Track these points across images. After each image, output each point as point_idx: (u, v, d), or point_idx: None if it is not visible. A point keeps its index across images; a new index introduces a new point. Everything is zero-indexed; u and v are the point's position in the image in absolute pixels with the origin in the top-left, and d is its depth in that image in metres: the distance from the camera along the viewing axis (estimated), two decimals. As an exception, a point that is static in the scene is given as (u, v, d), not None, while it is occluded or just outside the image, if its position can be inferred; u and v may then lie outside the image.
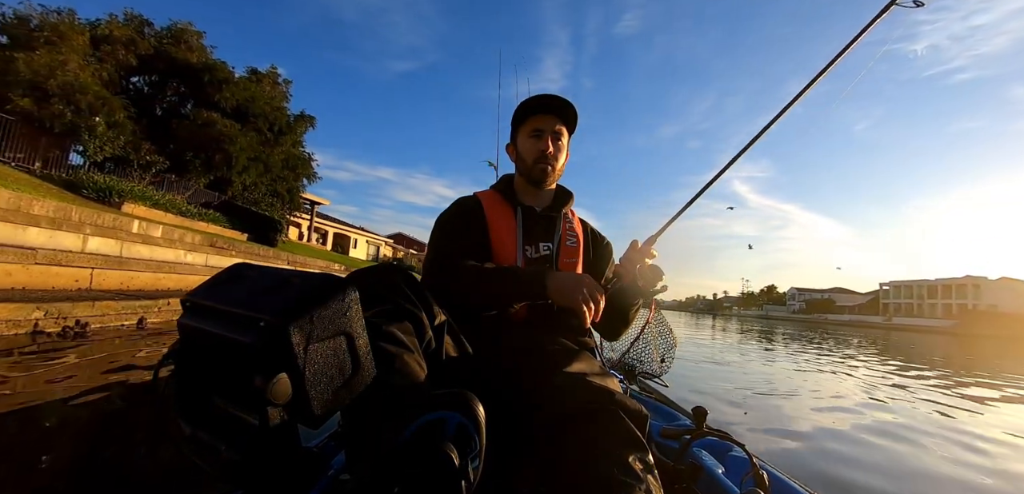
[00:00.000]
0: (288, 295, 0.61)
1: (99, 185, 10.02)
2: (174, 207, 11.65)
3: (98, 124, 12.16)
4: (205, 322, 0.64)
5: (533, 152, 1.23)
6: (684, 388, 4.13)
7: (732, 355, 8.37)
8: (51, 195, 7.12)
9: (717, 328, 19.82)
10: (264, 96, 17.46)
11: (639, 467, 0.74)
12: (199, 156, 15.04)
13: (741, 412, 3.55)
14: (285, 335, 0.55)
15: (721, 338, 13.29)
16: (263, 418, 0.55)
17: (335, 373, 0.61)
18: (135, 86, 16.24)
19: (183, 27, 16.69)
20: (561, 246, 1.23)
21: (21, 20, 12.94)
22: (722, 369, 6.37)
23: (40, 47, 12.25)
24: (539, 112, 1.25)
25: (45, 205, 5.57)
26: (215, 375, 0.64)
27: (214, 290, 0.69)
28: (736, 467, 1.10)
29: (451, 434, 0.57)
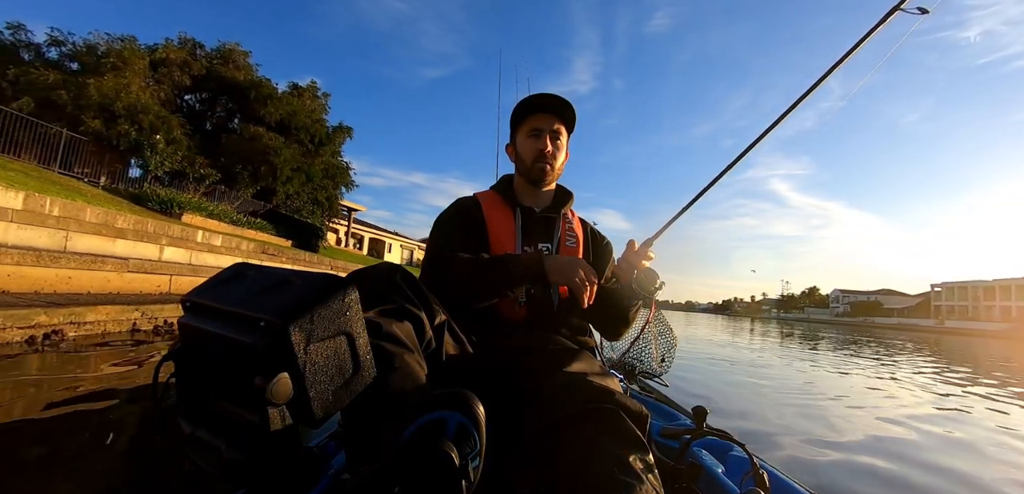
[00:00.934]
0: (288, 295, 0.61)
1: (162, 198, 10.81)
2: (227, 216, 12.40)
3: (158, 141, 13.08)
4: (206, 322, 0.65)
5: (532, 152, 1.23)
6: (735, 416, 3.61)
7: (772, 357, 8.24)
8: (123, 208, 7.79)
9: (754, 333, 19.29)
10: (305, 109, 18.27)
11: (639, 466, 0.74)
12: (247, 168, 15.89)
13: (741, 413, 3.45)
14: (285, 335, 0.56)
15: (759, 342, 13.02)
16: (263, 418, 0.55)
17: (335, 373, 0.61)
18: (188, 104, 17.32)
19: (231, 47, 17.70)
20: (560, 246, 1.23)
21: (90, 48, 14.09)
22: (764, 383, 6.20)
23: (107, 72, 13.28)
24: (537, 111, 1.24)
25: (127, 219, 6.14)
26: (216, 375, 0.65)
27: (215, 290, 0.69)
28: (736, 467, 1.09)
29: (451, 434, 0.57)
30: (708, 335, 14.06)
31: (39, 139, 11.50)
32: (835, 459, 2.57)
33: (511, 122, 1.31)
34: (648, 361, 2.24)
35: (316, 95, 19.87)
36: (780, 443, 2.75)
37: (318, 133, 18.60)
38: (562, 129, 1.26)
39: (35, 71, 12.70)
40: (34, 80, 12.39)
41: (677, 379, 4.73)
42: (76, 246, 4.92)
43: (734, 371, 6.04)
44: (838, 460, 2.55)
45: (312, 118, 18.46)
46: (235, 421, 0.60)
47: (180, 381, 0.68)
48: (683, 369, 5.46)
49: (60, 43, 14.44)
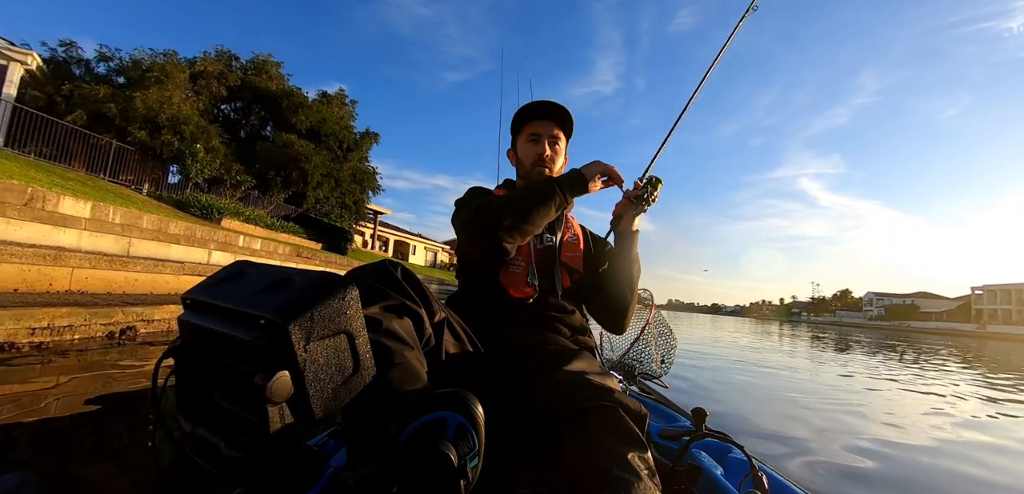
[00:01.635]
0: (289, 293, 0.61)
1: (203, 204, 11.36)
2: (262, 221, 12.93)
3: (198, 150, 13.73)
4: (206, 319, 0.65)
5: (531, 156, 1.27)
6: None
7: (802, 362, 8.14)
8: (171, 214, 8.26)
9: (780, 337, 18.88)
10: (334, 117, 18.84)
11: (639, 465, 0.74)
12: (279, 174, 16.50)
13: (741, 414, 3.42)
14: (285, 333, 0.56)
15: (789, 345, 12.80)
16: (263, 416, 0.55)
17: (335, 371, 0.61)
18: (224, 113, 18.08)
19: (264, 59, 18.41)
20: (563, 242, 1.27)
21: (135, 63, 14.90)
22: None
23: (151, 86, 14.02)
24: (536, 118, 1.29)
25: (178, 225, 6.55)
26: (215, 372, 0.64)
27: (215, 287, 0.69)
28: (735, 469, 1.09)
29: (450, 435, 0.57)
30: (731, 338, 13.87)
31: (88, 149, 12.27)
32: (849, 466, 2.47)
33: (512, 128, 1.37)
34: (648, 362, 2.24)
35: (344, 102, 20.45)
36: (780, 445, 2.70)
37: (346, 139, 19.16)
38: (560, 135, 1.30)
39: (87, 86, 13.51)
40: (86, 95, 13.17)
41: (705, 387, 4.75)
42: (138, 251, 5.31)
43: (743, 372, 6.02)
44: (852, 467, 2.45)
45: (341, 125, 19.03)
46: (235, 419, 0.60)
47: (180, 378, 0.68)
48: (702, 373, 5.44)
49: (108, 58, 15.33)
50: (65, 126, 12.06)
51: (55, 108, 12.92)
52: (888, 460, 2.55)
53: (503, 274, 1.17)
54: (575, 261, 1.27)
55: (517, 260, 1.18)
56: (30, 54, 13.09)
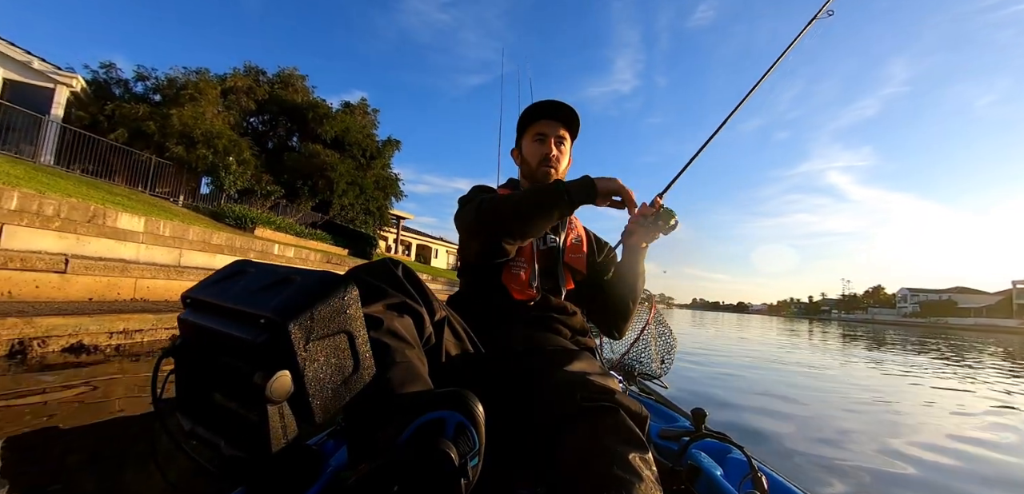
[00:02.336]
0: (289, 292, 0.61)
1: (237, 214, 11.82)
2: (291, 229, 13.37)
3: (231, 163, 14.27)
4: (206, 318, 0.65)
5: (537, 155, 1.26)
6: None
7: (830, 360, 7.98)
8: (211, 226, 8.66)
9: (812, 334, 18.45)
10: (357, 126, 19.29)
11: (640, 465, 0.74)
12: (306, 183, 16.98)
13: (741, 414, 3.38)
14: (285, 332, 0.56)
15: (820, 341, 12.54)
16: (262, 415, 0.55)
17: (335, 371, 0.61)
18: (253, 126, 18.70)
19: (289, 72, 18.99)
20: (567, 242, 1.27)
21: (170, 81, 15.57)
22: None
23: (186, 103, 14.63)
24: (542, 117, 1.28)
25: (220, 236, 6.89)
26: (215, 371, 0.64)
27: (215, 287, 0.69)
28: (735, 469, 1.09)
29: (450, 433, 0.57)
30: (759, 336, 13.65)
31: (128, 164, 12.91)
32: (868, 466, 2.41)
33: (518, 127, 1.36)
34: (648, 363, 2.24)
35: (366, 111, 20.92)
36: (781, 446, 2.68)
37: (369, 147, 19.59)
38: (566, 135, 1.30)
39: (128, 105, 14.19)
40: (127, 113, 13.84)
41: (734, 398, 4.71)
42: (188, 261, 5.64)
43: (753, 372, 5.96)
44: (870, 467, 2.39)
45: (363, 133, 19.47)
46: (235, 418, 0.60)
47: (180, 377, 0.68)
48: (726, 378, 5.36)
49: (144, 78, 16.04)
50: (108, 143, 12.71)
51: (98, 127, 13.61)
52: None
53: (506, 274, 1.16)
54: (578, 262, 1.27)
55: (520, 260, 1.17)
56: (75, 77, 13.83)
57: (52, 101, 13.27)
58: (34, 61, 12.80)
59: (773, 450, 2.57)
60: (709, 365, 5.86)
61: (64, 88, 13.55)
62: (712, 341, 10.65)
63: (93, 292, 3.84)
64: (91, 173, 12.15)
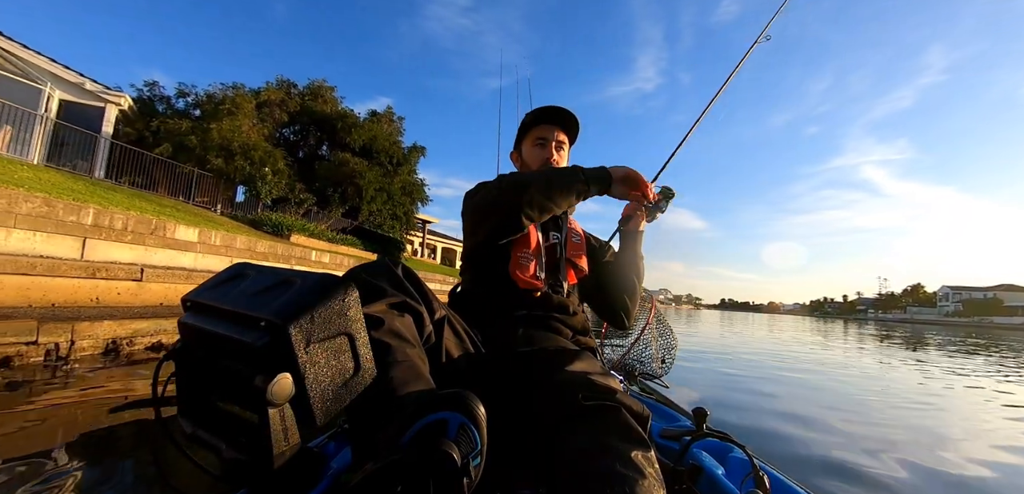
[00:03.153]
0: (289, 295, 0.61)
1: (274, 222, 12.34)
2: (323, 235, 13.86)
3: (267, 173, 14.90)
4: (206, 321, 0.65)
5: (538, 159, 1.30)
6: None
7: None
8: (253, 234, 9.12)
9: (847, 335, 17.92)
10: (383, 134, 19.81)
11: (642, 463, 0.74)
12: (337, 190, 17.57)
13: (741, 414, 3.33)
14: (285, 335, 0.56)
15: (854, 342, 12.23)
16: (263, 418, 0.55)
17: (336, 373, 0.62)
18: (285, 137, 19.44)
19: (319, 84, 19.68)
20: (568, 240, 1.29)
21: (209, 97, 16.38)
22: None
23: (224, 117, 15.35)
24: (543, 122, 1.32)
25: (263, 244, 7.29)
26: (216, 374, 0.64)
27: (215, 289, 0.69)
28: (737, 468, 1.08)
29: (453, 434, 0.57)
30: (792, 336, 13.39)
31: (170, 176, 13.65)
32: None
33: (519, 131, 1.39)
34: (648, 362, 2.24)
35: (392, 119, 21.46)
36: (783, 445, 2.64)
37: (396, 155, 20.09)
38: (565, 140, 1.34)
39: (171, 122, 15.00)
40: (171, 129, 14.63)
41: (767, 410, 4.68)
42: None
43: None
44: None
45: (390, 141, 19.98)
46: (235, 421, 0.61)
47: (180, 380, 0.68)
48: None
49: (185, 94, 16.93)
50: (153, 157, 13.47)
51: (144, 142, 14.43)
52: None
53: (513, 265, 1.17)
54: (579, 259, 1.30)
55: (526, 253, 1.19)
56: (123, 96, 14.67)
57: (103, 119, 14.11)
58: (87, 82, 13.64)
59: (775, 449, 2.51)
60: (738, 371, 5.84)
61: (113, 106, 14.40)
62: (733, 345, 10.53)
63: (163, 298, 4.19)
64: (138, 185, 12.89)
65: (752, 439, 1.50)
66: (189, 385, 0.68)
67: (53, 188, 5.18)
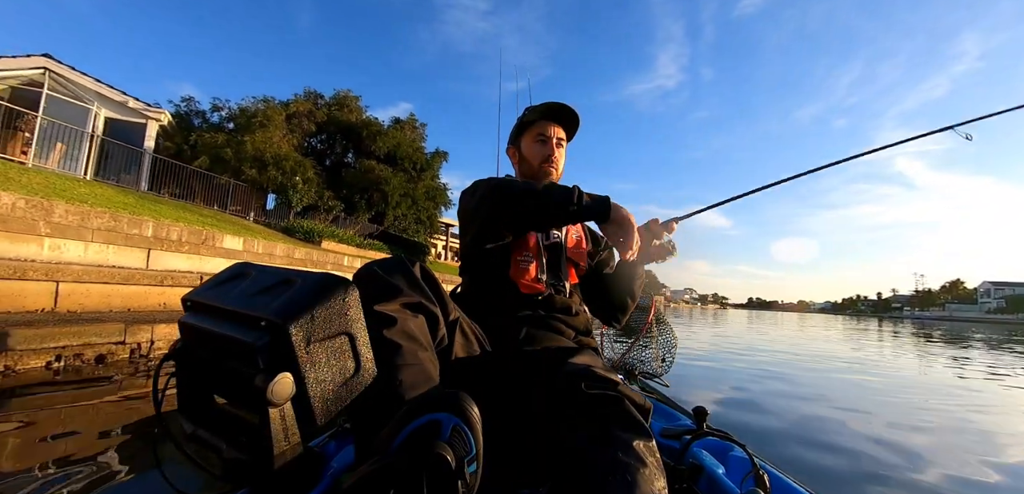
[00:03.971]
0: (289, 294, 0.61)
1: (305, 229, 12.80)
2: (353, 241, 14.28)
3: (298, 182, 15.44)
4: (207, 321, 0.64)
5: (539, 156, 1.28)
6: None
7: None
8: (286, 241, 9.53)
9: (878, 333, 17.38)
10: (407, 141, 20.24)
11: (644, 452, 0.76)
12: (363, 197, 18.05)
13: (741, 412, 3.28)
14: (286, 334, 0.56)
15: (889, 340, 11.92)
16: (263, 417, 0.55)
17: (336, 372, 0.62)
18: (313, 146, 20.07)
19: (344, 95, 20.25)
20: (567, 236, 1.29)
21: (243, 111, 17.07)
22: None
23: (256, 129, 15.98)
24: (546, 119, 1.30)
25: (300, 251, 7.65)
26: (217, 374, 0.65)
27: (216, 289, 0.69)
28: (737, 467, 1.08)
29: (446, 436, 0.57)
30: (823, 334, 13.08)
31: (206, 186, 14.30)
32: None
33: (518, 126, 1.35)
34: (649, 362, 2.25)
35: (415, 126, 21.89)
36: (783, 444, 2.60)
37: (419, 160, 20.50)
38: (564, 138, 1.33)
39: (208, 135, 15.70)
40: (207, 142, 15.32)
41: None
42: (281, 275, 6.36)
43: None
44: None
45: (413, 147, 20.41)
46: (236, 420, 0.61)
47: (181, 380, 0.68)
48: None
49: (219, 108, 17.68)
50: (190, 169, 14.15)
51: (182, 155, 15.14)
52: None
53: (513, 269, 1.16)
54: (580, 257, 1.29)
55: (526, 255, 1.17)
56: (163, 113, 15.43)
57: (144, 134, 14.89)
58: (130, 100, 14.40)
59: (775, 448, 2.46)
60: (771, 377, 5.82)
61: (154, 122, 15.15)
62: (756, 343, 10.40)
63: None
64: (177, 196, 13.55)
65: (752, 438, 1.36)
66: (190, 385, 0.68)
67: (108, 202, 5.61)
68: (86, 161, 12.44)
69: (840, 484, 2.09)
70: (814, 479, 2.01)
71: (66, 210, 4.17)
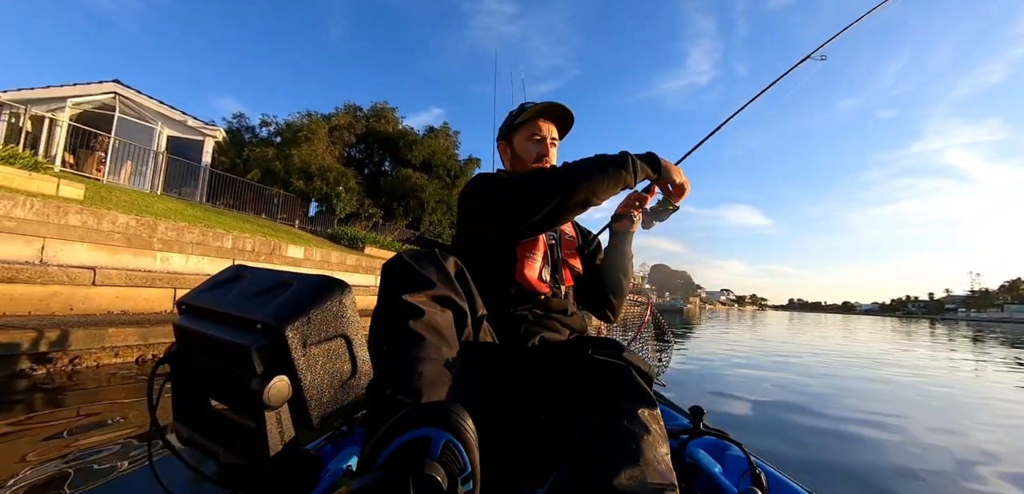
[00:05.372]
0: (285, 297, 0.61)
1: (350, 236, 13.49)
2: (392, 246, 14.90)
3: (341, 191, 16.26)
4: (202, 324, 0.64)
5: (532, 154, 1.27)
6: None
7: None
8: (335, 248, 10.15)
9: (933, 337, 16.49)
10: (441, 149, 20.91)
11: (648, 420, 0.79)
12: (401, 204, 18.78)
13: (739, 411, 3.24)
14: (282, 337, 0.56)
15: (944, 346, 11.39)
16: (260, 421, 0.56)
17: (333, 375, 0.62)
18: (352, 156, 21.00)
19: (381, 106, 21.13)
20: (561, 235, 1.29)
21: (289, 126, 18.12)
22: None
23: (302, 143, 16.92)
24: (540, 118, 1.29)
25: (352, 258, 8.21)
26: (212, 378, 0.64)
27: (211, 292, 0.69)
28: (734, 466, 1.09)
29: (437, 454, 0.53)
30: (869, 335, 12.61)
31: (257, 197, 15.25)
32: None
33: (512, 120, 1.32)
34: (646, 361, 2.36)
35: (448, 134, 22.56)
36: (782, 442, 2.57)
37: (453, 167, 21.13)
38: (557, 139, 1.32)
39: (259, 150, 16.76)
40: (259, 156, 16.37)
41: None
42: (339, 280, 6.91)
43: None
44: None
45: (447, 155, 21.07)
46: (232, 425, 0.61)
47: (176, 384, 0.67)
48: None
49: (268, 124, 18.83)
50: (242, 181, 15.14)
51: (235, 168, 16.21)
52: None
53: (520, 269, 1.14)
54: (574, 258, 1.29)
55: (534, 255, 1.17)
56: (218, 130, 16.54)
57: (202, 151, 16.02)
58: (189, 119, 15.53)
59: (774, 447, 2.42)
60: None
61: (210, 139, 16.29)
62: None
63: None
64: (231, 206, 14.53)
65: (750, 437, 1.42)
66: (185, 389, 0.68)
67: (180, 215, 6.26)
68: (151, 177, 13.54)
69: (839, 484, 2.03)
70: (815, 478, 2.01)
71: (166, 227, 4.75)
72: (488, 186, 1.15)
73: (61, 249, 3.75)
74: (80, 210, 4.04)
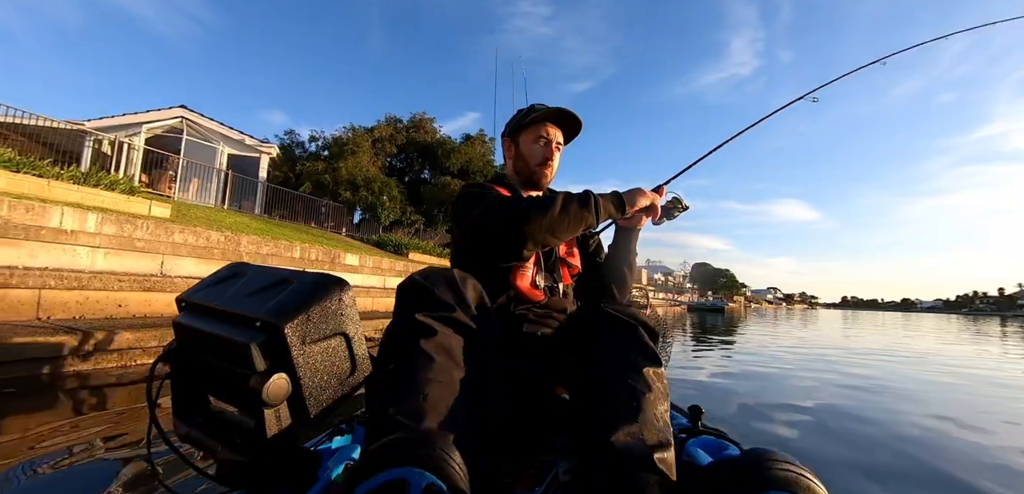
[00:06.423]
0: (284, 294, 0.61)
1: (395, 242, 14.17)
2: (434, 251, 15.51)
3: (385, 200, 17.08)
4: (202, 321, 0.65)
5: (537, 156, 1.28)
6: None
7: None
8: (383, 255, 10.77)
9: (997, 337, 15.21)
10: (477, 156, 21.49)
11: (652, 378, 0.82)
12: (441, 210, 19.44)
13: (737, 411, 3.21)
14: (281, 335, 0.56)
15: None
16: (259, 418, 0.56)
17: (331, 373, 0.63)
18: (393, 165, 21.92)
19: (420, 117, 21.96)
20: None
21: (336, 140, 19.19)
22: None
23: (348, 156, 17.88)
24: (547, 121, 1.29)
25: (398, 264, 8.74)
26: (212, 375, 0.65)
27: (211, 289, 0.69)
28: None
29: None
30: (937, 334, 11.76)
31: (306, 207, 16.25)
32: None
33: (519, 121, 1.32)
34: None
35: (484, 141, 23.11)
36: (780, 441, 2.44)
37: (489, 174, 21.59)
38: (562, 143, 1.34)
39: (310, 164, 17.85)
40: (310, 170, 17.45)
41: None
42: (391, 284, 7.43)
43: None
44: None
45: (483, 161, 21.61)
46: (231, 422, 0.62)
47: (176, 381, 0.67)
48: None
49: (316, 138, 20.00)
50: (293, 194, 16.20)
51: (288, 182, 17.34)
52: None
53: (513, 275, 1.14)
54: (573, 257, 1.30)
55: (525, 264, 1.16)
56: (272, 147, 17.75)
57: (258, 166, 17.23)
58: (246, 138, 16.74)
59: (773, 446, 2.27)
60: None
61: (266, 155, 17.51)
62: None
63: (360, 308, 5.64)
64: (284, 217, 15.57)
65: (748, 436, 1.44)
66: (185, 386, 0.68)
67: (247, 228, 6.94)
68: (215, 192, 14.73)
69: (839, 482, 1.99)
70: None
71: (248, 241, 5.36)
72: (476, 194, 1.20)
73: (175, 263, 4.34)
74: (182, 229, 4.63)
